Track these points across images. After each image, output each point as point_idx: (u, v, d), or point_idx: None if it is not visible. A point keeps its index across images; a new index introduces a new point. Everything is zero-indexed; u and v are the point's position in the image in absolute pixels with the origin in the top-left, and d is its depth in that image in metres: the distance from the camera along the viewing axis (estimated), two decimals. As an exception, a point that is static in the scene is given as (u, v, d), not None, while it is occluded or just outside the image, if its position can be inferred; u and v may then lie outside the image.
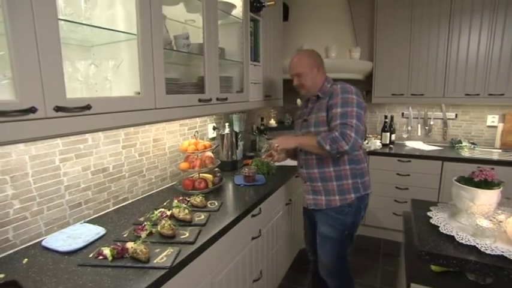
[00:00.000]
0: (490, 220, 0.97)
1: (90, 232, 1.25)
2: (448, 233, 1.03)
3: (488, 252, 0.91)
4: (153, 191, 1.80)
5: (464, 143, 2.90)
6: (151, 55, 1.23)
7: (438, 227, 1.07)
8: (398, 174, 2.81)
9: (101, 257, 1.07)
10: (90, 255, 1.09)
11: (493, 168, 2.49)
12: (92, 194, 1.43)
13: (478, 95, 2.67)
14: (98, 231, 1.26)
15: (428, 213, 1.19)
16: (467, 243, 0.96)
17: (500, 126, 2.90)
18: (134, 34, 1.18)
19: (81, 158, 1.37)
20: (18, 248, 1.15)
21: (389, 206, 2.89)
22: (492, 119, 2.94)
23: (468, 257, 0.90)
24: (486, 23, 2.59)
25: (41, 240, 1.19)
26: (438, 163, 2.65)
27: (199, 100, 1.57)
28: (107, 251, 1.08)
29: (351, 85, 1.60)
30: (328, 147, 1.44)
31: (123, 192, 1.60)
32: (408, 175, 2.77)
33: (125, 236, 1.25)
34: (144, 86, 1.21)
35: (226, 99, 1.80)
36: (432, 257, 0.94)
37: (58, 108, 0.90)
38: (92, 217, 1.43)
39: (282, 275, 2.31)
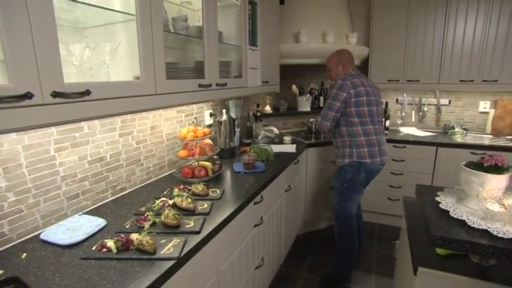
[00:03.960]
0: (499, 204, 0.98)
1: (90, 224, 1.21)
2: (458, 218, 1.04)
3: (500, 235, 0.92)
4: (152, 180, 1.75)
5: (457, 129, 2.94)
6: (151, 37, 1.16)
7: (448, 211, 1.08)
8: (393, 159, 2.84)
9: (104, 250, 1.03)
10: (93, 248, 1.05)
11: (484, 153, 2.56)
12: (90, 185, 1.37)
13: (472, 81, 2.70)
14: (99, 222, 1.22)
15: (437, 198, 1.19)
16: (479, 227, 0.97)
17: (492, 112, 2.95)
18: (132, 14, 1.10)
19: (77, 147, 1.30)
20: (15, 243, 1.09)
21: (384, 191, 2.94)
22: (484, 105, 2.99)
23: (481, 241, 0.91)
24: (482, 9, 2.58)
25: (39, 234, 1.14)
26: (432, 149, 2.69)
27: (199, 85, 1.51)
28: (110, 243, 1.04)
29: (345, 79, 2.04)
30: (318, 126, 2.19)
31: (121, 181, 1.54)
32: (403, 161, 2.81)
33: (127, 227, 1.21)
34: (144, 71, 1.15)
35: (225, 84, 1.74)
36: (445, 242, 0.94)
37: (56, 94, 0.84)
38: (90, 208, 1.37)
39: (281, 261, 2.33)
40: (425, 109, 3.19)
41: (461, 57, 2.70)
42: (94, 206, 1.39)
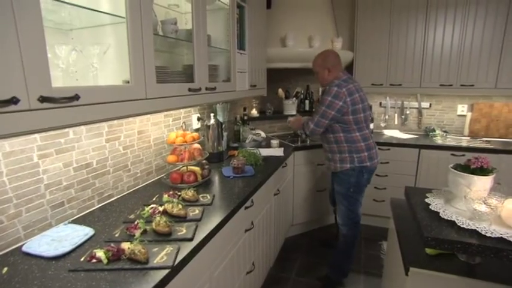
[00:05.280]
0: (486, 205, 1.02)
1: (77, 233, 1.16)
2: (448, 218, 1.07)
3: (488, 235, 0.96)
4: (139, 186, 1.71)
5: (437, 131, 3.06)
6: (141, 40, 1.13)
7: (438, 213, 1.12)
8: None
9: (94, 260, 0.99)
10: (82, 259, 1.01)
11: (464, 155, 2.65)
12: (75, 192, 1.32)
13: (451, 85, 2.82)
14: (86, 232, 1.17)
15: (426, 200, 1.23)
16: (468, 227, 1.01)
17: (469, 115, 3.09)
18: (122, 17, 1.08)
19: (62, 154, 1.25)
20: (-6, 256, 1.03)
21: (369, 192, 2.97)
22: (462, 108, 3.13)
23: (471, 241, 0.95)
24: (459, 17, 2.71)
25: (21, 246, 1.08)
26: (415, 151, 2.78)
27: (189, 89, 1.49)
28: (100, 254, 1.00)
29: (340, 86, 1.97)
30: (300, 130, 2.24)
31: (108, 188, 1.49)
32: (387, 162, 2.88)
33: (116, 235, 1.16)
34: (134, 74, 1.12)
35: (214, 88, 1.73)
36: (438, 242, 0.97)
37: (43, 99, 0.80)
38: (75, 217, 1.32)
39: (270, 265, 2.32)
40: (408, 112, 3.29)
41: (441, 62, 2.82)
42: (80, 215, 1.33)
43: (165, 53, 1.75)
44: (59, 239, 1.12)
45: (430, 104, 3.23)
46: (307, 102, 3.45)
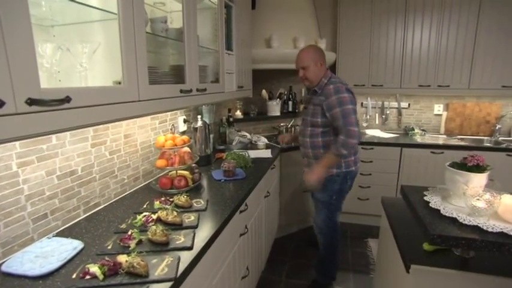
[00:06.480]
0: (484, 201, 1.06)
1: (64, 247, 1.06)
2: (449, 215, 1.10)
3: (489, 230, 0.99)
4: (127, 193, 1.61)
5: (416, 130, 3.18)
6: (134, 39, 1.06)
7: (438, 210, 1.14)
8: (362, 161, 2.96)
9: (88, 277, 0.91)
10: (74, 276, 0.92)
11: (442, 152, 2.76)
12: (59, 202, 1.21)
13: (429, 86, 2.94)
14: (75, 245, 1.08)
15: (425, 198, 1.26)
16: (469, 223, 1.04)
17: (444, 114, 3.24)
18: (113, 13, 1.00)
19: (45, 161, 1.14)
20: (-30, 278, 0.92)
21: (354, 191, 3.00)
22: (438, 108, 3.28)
23: (474, 236, 0.97)
24: (435, 22, 2.84)
25: (0, 265, 0.97)
26: (398, 149, 2.87)
27: (181, 91, 1.43)
28: (94, 269, 0.92)
29: (341, 82, 1.88)
30: (345, 152, 1.82)
31: (94, 196, 1.39)
32: (371, 161, 2.95)
33: (109, 248, 1.08)
34: (127, 75, 1.05)
35: (205, 89, 1.68)
36: (443, 239, 0.99)
37: (31, 101, 0.72)
38: (60, 229, 1.21)
39: (262, 268, 2.29)
40: (388, 112, 3.40)
41: (419, 64, 2.93)
42: (65, 226, 1.23)
43: (152, 53, 1.67)
44: (44, 254, 1.02)
45: (409, 104, 3.35)
46: (290, 103, 3.45)
